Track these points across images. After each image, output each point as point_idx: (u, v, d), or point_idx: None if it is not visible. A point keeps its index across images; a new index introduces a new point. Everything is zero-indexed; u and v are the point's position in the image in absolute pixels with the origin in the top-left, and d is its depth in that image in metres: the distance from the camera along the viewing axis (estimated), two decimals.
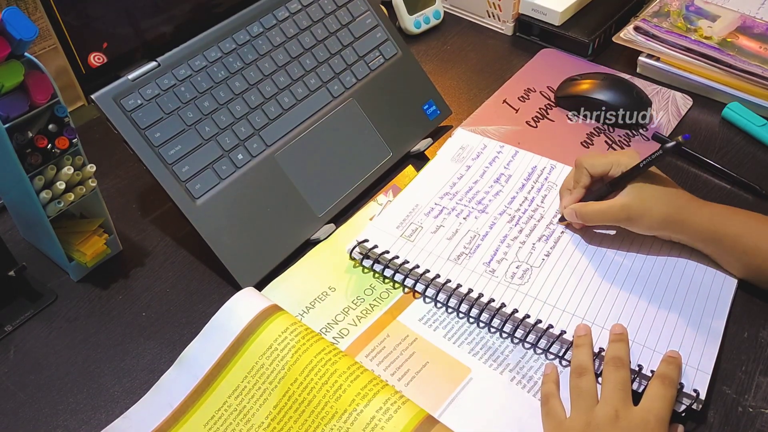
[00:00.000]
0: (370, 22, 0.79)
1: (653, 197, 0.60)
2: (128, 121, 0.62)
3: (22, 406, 0.56)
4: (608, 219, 0.62)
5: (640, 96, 0.80)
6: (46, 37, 0.74)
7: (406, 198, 0.70)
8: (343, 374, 0.52)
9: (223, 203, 0.64)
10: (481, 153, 0.74)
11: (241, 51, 0.69)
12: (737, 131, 0.80)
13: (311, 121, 0.71)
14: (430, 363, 0.57)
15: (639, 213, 0.60)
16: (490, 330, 0.60)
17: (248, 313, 0.57)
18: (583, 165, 0.64)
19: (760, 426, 0.54)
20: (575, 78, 0.83)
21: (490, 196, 0.70)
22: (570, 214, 0.64)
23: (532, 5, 0.91)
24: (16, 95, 0.55)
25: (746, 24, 0.86)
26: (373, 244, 0.65)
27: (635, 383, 0.54)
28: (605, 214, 0.62)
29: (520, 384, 0.56)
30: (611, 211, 0.61)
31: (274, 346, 0.54)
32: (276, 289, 0.63)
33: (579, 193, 0.64)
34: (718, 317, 0.60)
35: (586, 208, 0.63)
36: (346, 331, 0.60)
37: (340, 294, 0.63)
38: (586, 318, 0.58)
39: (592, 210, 0.62)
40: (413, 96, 0.79)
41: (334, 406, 0.51)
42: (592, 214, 0.62)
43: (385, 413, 0.50)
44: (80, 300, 0.64)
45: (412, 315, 0.61)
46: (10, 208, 0.68)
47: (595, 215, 0.62)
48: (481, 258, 0.63)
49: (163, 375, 0.57)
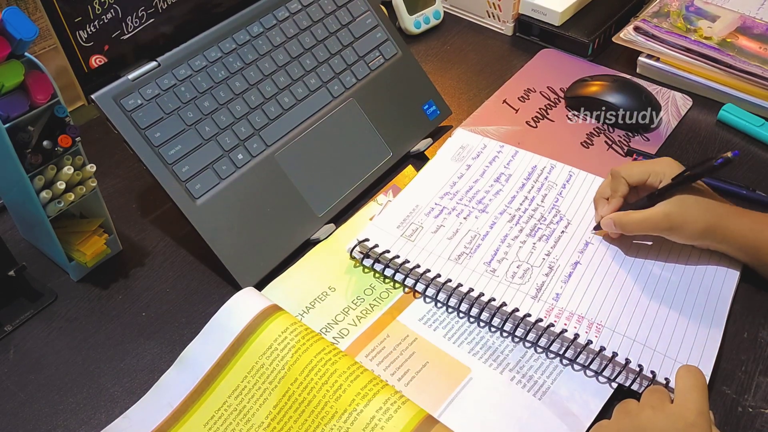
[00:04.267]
0: (370, 22, 0.79)
1: (694, 206, 0.60)
2: (128, 121, 0.62)
3: (22, 406, 0.56)
4: (649, 228, 0.61)
5: (649, 99, 0.80)
6: (46, 37, 0.74)
7: (407, 198, 0.70)
8: (343, 374, 0.52)
9: (223, 203, 0.64)
10: (481, 152, 0.75)
11: (241, 51, 0.69)
12: (737, 131, 0.80)
13: (311, 121, 0.71)
14: (430, 363, 0.57)
15: (680, 222, 0.60)
16: (490, 329, 0.60)
17: (248, 313, 0.57)
18: (621, 174, 0.63)
19: (760, 426, 0.54)
20: (585, 79, 0.83)
21: (491, 196, 0.70)
22: (608, 224, 0.63)
23: (532, 5, 0.91)
24: (16, 95, 0.55)
25: (746, 24, 0.86)
26: (374, 243, 0.65)
27: (635, 384, 0.54)
28: (646, 223, 0.61)
29: (520, 383, 0.56)
30: (653, 220, 0.60)
31: (274, 346, 0.54)
32: (276, 289, 0.63)
33: (617, 202, 0.63)
34: (719, 314, 0.60)
35: (627, 218, 0.62)
36: (346, 331, 0.60)
37: (340, 294, 0.63)
38: (587, 316, 0.59)
39: (633, 219, 0.61)
40: (413, 96, 0.79)
41: (334, 406, 0.51)
42: (633, 224, 0.61)
43: (385, 413, 0.50)
44: (80, 300, 0.64)
45: (412, 315, 0.61)
46: (10, 208, 0.68)
47: (636, 224, 0.61)
48: (481, 258, 0.64)
49: (163, 375, 0.57)
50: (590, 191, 0.70)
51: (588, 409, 0.54)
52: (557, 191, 0.70)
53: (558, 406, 0.54)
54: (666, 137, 0.79)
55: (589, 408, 0.54)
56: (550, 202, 0.69)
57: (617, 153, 0.77)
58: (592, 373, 0.56)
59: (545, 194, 0.70)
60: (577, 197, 0.69)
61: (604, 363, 0.56)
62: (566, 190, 0.70)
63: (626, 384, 0.55)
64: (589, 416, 0.54)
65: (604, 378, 0.56)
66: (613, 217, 0.63)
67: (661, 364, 0.55)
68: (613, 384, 0.55)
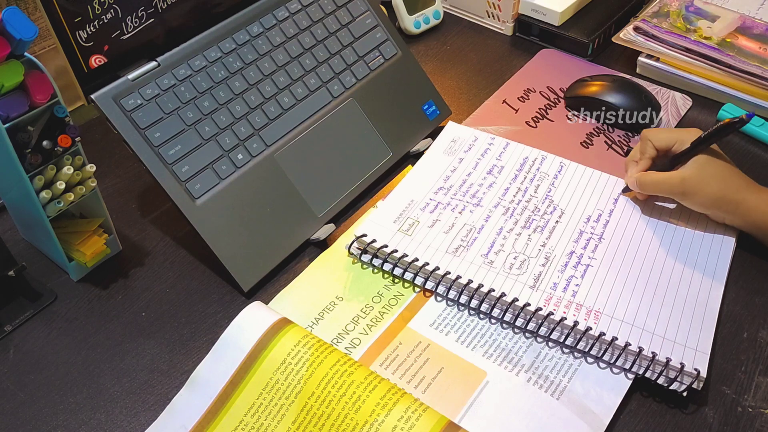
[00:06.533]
0: (370, 22, 0.79)
1: (712, 175, 0.61)
2: (128, 121, 0.62)
3: (22, 406, 0.56)
4: (665, 190, 0.64)
5: (649, 99, 0.80)
6: (46, 37, 0.74)
7: (402, 193, 0.70)
8: (360, 385, 0.51)
9: (222, 203, 0.64)
10: (473, 145, 0.75)
11: (240, 51, 0.69)
12: (737, 131, 0.80)
13: (311, 121, 0.71)
14: (445, 368, 0.57)
15: (695, 188, 0.61)
16: (491, 320, 0.60)
17: (258, 328, 0.55)
18: (648, 138, 0.65)
19: (760, 426, 0.54)
20: (585, 79, 0.83)
21: (484, 189, 0.70)
22: (633, 184, 0.66)
23: (532, 5, 0.91)
24: (16, 95, 0.55)
25: (746, 24, 0.86)
26: (372, 238, 0.65)
27: (636, 365, 0.55)
28: (663, 184, 0.63)
29: (536, 384, 0.56)
30: (669, 182, 0.63)
31: (288, 361, 0.53)
32: (283, 301, 0.63)
33: (645, 163, 0.66)
34: (714, 294, 0.61)
35: (646, 177, 0.64)
36: (357, 340, 0.59)
37: (348, 303, 0.62)
38: (585, 304, 0.59)
39: (651, 180, 0.64)
40: (413, 96, 0.79)
41: (354, 417, 0.50)
42: (651, 184, 0.64)
43: (407, 422, 0.49)
44: (80, 300, 0.64)
45: (422, 320, 0.61)
46: (10, 208, 0.68)
47: (653, 185, 0.64)
48: (478, 250, 0.64)
49: (175, 397, 0.55)
50: (581, 181, 0.71)
51: (605, 406, 0.54)
52: (549, 182, 0.71)
53: (576, 405, 0.54)
54: None
55: (606, 405, 0.54)
56: (543, 193, 0.70)
57: (617, 153, 0.77)
58: (593, 359, 0.57)
59: (538, 185, 0.71)
60: (569, 187, 0.70)
61: (604, 347, 0.56)
62: (558, 181, 0.71)
63: (639, 372, 0.55)
64: (608, 413, 0.54)
65: (605, 363, 0.57)
66: (636, 176, 0.65)
67: (661, 345, 0.56)
68: (628, 375, 0.56)
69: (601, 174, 0.72)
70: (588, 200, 0.69)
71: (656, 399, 0.56)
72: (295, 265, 0.66)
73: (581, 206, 0.68)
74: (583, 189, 0.70)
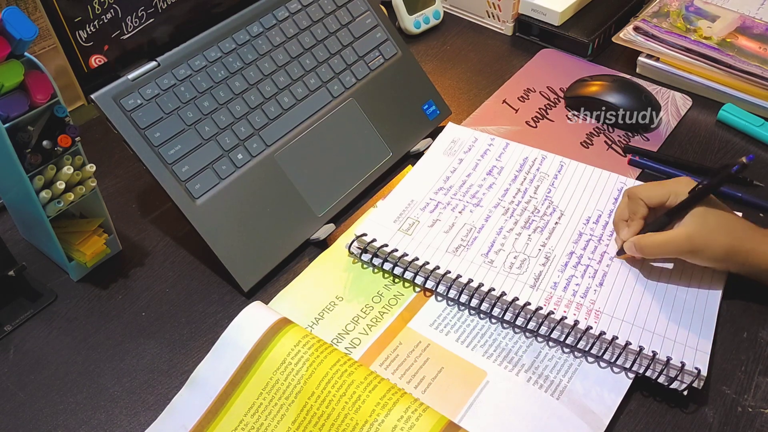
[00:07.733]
0: (370, 22, 0.79)
1: (716, 227, 0.57)
2: (128, 121, 0.62)
3: (22, 406, 0.56)
4: (671, 251, 0.59)
5: (649, 99, 0.80)
6: (46, 37, 0.74)
7: (402, 193, 0.70)
8: (360, 385, 0.51)
9: (222, 203, 0.64)
10: (473, 146, 0.75)
11: (240, 51, 0.69)
12: (736, 131, 0.80)
13: (311, 121, 0.71)
14: (445, 368, 0.57)
15: (703, 244, 0.57)
16: (491, 320, 0.60)
17: (258, 328, 0.56)
18: (639, 196, 0.61)
19: (760, 426, 0.54)
20: (585, 79, 0.83)
21: (484, 189, 0.70)
22: (630, 248, 0.61)
23: (532, 5, 0.91)
24: (16, 95, 0.55)
25: (746, 24, 0.86)
26: (372, 237, 0.65)
27: (636, 364, 0.55)
28: (667, 245, 0.59)
29: (536, 384, 0.56)
30: (675, 242, 0.58)
31: (288, 361, 0.54)
32: (283, 301, 0.63)
33: (638, 225, 0.61)
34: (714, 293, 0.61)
35: (647, 240, 0.59)
36: (357, 340, 0.59)
37: (348, 303, 0.62)
38: (585, 303, 0.59)
39: (654, 242, 0.59)
40: (413, 96, 0.79)
41: (354, 417, 0.50)
42: (654, 247, 0.59)
43: (407, 422, 0.49)
44: (80, 300, 0.64)
45: (422, 320, 0.61)
46: (10, 208, 0.68)
47: (657, 248, 0.59)
48: (479, 249, 0.64)
49: (175, 396, 0.55)
50: (581, 180, 0.71)
51: (606, 406, 0.54)
52: (549, 182, 0.71)
53: (576, 405, 0.54)
54: (666, 137, 0.79)
55: (606, 404, 0.54)
56: (543, 193, 0.70)
57: (617, 153, 0.77)
58: (593, 359, 0.57)
59: (537, 185, 0.71)
60: (569, 187, 0.70)
61: (604, 346, 0.56)
62: (558, 181, 0.71)
63: (639, 371, 0.55)
64: (608, 413, 0.54)
65: (605, 362, 0.57)
66: (634, 241, 0.60)
67: (661, 344, 0.56)
68: (629, 375, 0.56)
69: (601, 172, 0.72)
70: (588, 200, 0.69)
71: (656, 399, 0.56)
72: (295, 265, 0.66)
73: (581, 207, 0.68)
74: (584, 188, 0.70)
